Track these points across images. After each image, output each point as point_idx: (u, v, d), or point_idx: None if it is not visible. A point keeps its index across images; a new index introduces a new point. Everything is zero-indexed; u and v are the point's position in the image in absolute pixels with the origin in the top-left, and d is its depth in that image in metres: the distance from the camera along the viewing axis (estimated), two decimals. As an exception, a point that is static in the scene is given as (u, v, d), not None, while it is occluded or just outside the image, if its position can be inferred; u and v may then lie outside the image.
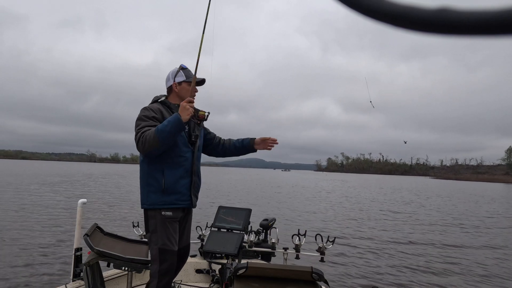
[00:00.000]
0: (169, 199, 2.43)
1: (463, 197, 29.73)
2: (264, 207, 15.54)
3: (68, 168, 68.02)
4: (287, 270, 2.26)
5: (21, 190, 19.60)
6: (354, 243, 8.88)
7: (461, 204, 22.70)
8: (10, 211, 11.74)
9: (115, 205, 14.53)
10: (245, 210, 3.57)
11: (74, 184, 25.97)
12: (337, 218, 13.64)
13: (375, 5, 0.29)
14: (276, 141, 2.78)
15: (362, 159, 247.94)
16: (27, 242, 7.55)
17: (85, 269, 2.65)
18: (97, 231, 2.95)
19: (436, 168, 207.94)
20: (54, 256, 6.57)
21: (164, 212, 2.42)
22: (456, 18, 0.27)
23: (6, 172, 40.58)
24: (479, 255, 8.27)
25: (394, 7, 0.29)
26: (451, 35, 0.28)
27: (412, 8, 0.28)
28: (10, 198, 15.32)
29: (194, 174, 2.54)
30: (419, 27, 0.28)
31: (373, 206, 18.88)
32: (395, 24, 0.29)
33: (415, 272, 6.57)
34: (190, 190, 2.52)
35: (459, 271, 6.82)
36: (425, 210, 17.72)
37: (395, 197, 26.19)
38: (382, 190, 34.69)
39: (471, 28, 0.27)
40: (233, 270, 2.25)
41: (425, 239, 9.91)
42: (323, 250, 3.25)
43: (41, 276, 5.47)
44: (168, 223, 2.43)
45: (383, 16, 0.29)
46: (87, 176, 39.58)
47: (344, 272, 6.34)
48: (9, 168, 56.05)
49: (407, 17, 0.28)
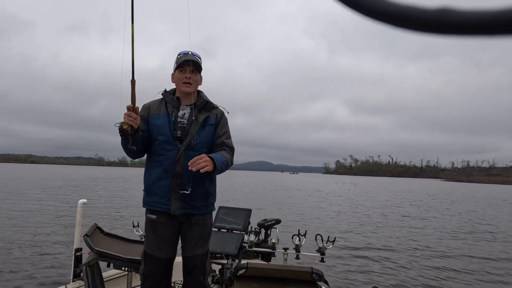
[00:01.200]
0: (150, 200, 2.27)
1: (484, 201, 28.22)
2: (270, 209, 15.53)
3: (74, 172, 68.04)
4: (287, 270, 2.26)
5: (23, 192, 19.60)
6: (354, 243, 8.87)
7: (487, 208, 21.65)
8: (11, 212, 11.74)
9: (115, 205, 14.52)
10: (245, 210, 3.57)
11: (77, 186, 25.97)
12: (339, 219, 13.64)
13: (375, 5, 0.29)
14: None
15: (371, 162, 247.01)
16: (27, 243, 7.55)
17: (85, 270, 2.65)
18: (97, 232, 2.95)
19: (447, 170, 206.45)
20: (54, 257, 6.57)
21: (149, 214, 2.28)
22: (456, 18, 0.27)
23: (11, 177, 40.57)
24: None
25: (394, 7, 0.28)
26: (451, 35, 0.28)
27: (412, 8, 0.28)
28: (13, 200, 15.32)
29: (176, 175, 2.20)
30: (419, 27, 0.28)
31: (384, 209, 18.88)
32: (395, 24, 0.29)
33: (416, 272, 6.57)
34: (170, 193, 2.22)
35: (460, 272, 6.82)
36: (451, 216, 16.36)
37: (415, 200, 25.87)
38: (398, 194, 33.35)
39: (471, 28, 0.27)
40: (233, 270, 2.25)
41: (435, 244, 9.91)
42: (323, 251, 3.24)
43: (41, 277, 5.47)
44: (152, 226, 2.26)
45: (383, 16, 0.29)
46: (92, 179, 39.50)
47: (345, 273, 6.33)
48: (16, 173, 56.14)
49: (407, 17, 0.28)
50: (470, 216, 16.44)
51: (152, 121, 2.30)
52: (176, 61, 2.33)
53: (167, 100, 2.35)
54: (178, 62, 2.30)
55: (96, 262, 2.64)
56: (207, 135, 2.31)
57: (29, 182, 27.30)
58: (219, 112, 2.41)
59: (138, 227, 3.62)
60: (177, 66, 2.30)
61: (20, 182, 27.32)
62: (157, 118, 2.30)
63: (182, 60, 2.28)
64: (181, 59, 2.29)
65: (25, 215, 11.17)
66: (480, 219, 15.56)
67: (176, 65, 2.31)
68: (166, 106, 2.33)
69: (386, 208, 18.81)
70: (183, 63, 2.28)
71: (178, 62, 2.30)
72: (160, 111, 2.33)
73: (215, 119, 2.35)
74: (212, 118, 2.34)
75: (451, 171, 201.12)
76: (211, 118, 2.34)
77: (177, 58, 2.33)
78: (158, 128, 2.28)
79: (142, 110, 2.31)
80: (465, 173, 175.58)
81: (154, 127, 2.29)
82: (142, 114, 2.28)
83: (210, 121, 2.33)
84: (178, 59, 2.32)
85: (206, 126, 2.31)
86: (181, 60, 2.28)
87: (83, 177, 42.86)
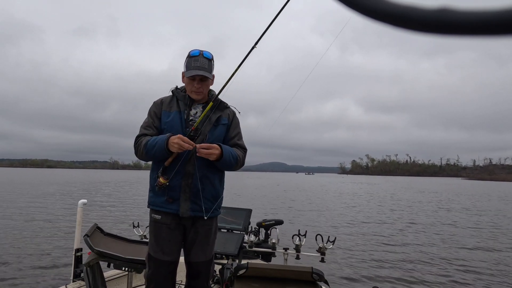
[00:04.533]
0: (157, 201, 2.19)
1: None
2: (283, 211, 15.54)
3: (89, 175, 67.35)
4: (287, 270, 2.26)
5: (26, 194, 19.62)
6: (354, 243, 8.87)
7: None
8: (13, 214, 11.74)
9: (116, 206, 14.53)
10: (245, 210, 3.56)
11: (85, 189, 25.98)
12: (340, 219, 13.64)
13: (375, 5, 0.29)
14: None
15: (388, 161, 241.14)
16: (27, 243, 7.55)
17: (86, 270, 2.65)
18: (97, 232, 2.95)
19: (468, 169, 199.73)
20: (54, 257, 6.58)
21: (154, 214, 2.21)
22: (456, 18, 0.27)
23: (20, 181, 40.46)
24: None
25: (394, 7, 0.28)
26: (451, 35, 0.28)
27: (412, 8, 0.28)
28: (17, 203, 15.33)
29: (187, 175, 2.15)
30: (419, 27, 0.28)
31: (393, 208, 18.86)
32: (395, 24, 0.29)
33: (417, 272, 6.57)
34: (180, 194, 2.17)
35: (462, 272, 6.81)
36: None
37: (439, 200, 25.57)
38: (430, 195, 31.21)
39: (471, 28, 0.27)
40: (233, 270, 2.25)
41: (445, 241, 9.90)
42: (324, 251, 3.25)
43: (41, 277, 5.47)
44: (157, 228, 2.20)
45: (383, 16, 0.29)
46: (104, 183, 39.27)
47: (345, 273, 6.33)
48: (25, 177, 55.89)
49: (407, 17, 0.28)
50: (490, 216, 16.08)
51: (162, 118, 2.24)
52: (186, 63, 2.20)
53: (179, 97, 2.27)
54: (188, 67, 2.18)
55: (97, 262, 2.64)
56: (219, 135, 2.26)
57: (34, 187, 27.36)
58: (231, 112, 2.35)
59: (138, 227, 3.62)
60: (187, 74, 2.18)
61: (24, 185, 27.36)
62: (168, 115, 2.23)
63: (191, 69, 2.16)
64: (190, 64, 2.17)
65: (26, 215, 11.18)
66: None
67: (185, 72, 2.20)
68: (178, 103, 2.25)
69: (394, 207, 18.83)
70: (192, 74, 2.17)
71: (188, 66, 2.18)
72: (171, 108, 2.25)
73: (227, 119, 2.31)
74: (224, 118, 2.29)
75: (472, 169, 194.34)
76: (223, 117, 2.28)
77: (187, 60, 2.21)
78: (169, 125, 2.21)
79: (155, 107, 2.27)
80: (487, 171, 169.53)
81: (164, 124, 2.22)
82: (156, 111, 2.26)
83: (223, 120, 2.28)
84: (188, 62, 2.20)
85: (219, 125, 2.26)
86: (190, 68, 2.17)
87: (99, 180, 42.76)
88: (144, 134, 2.20)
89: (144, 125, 2.25)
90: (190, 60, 2.18)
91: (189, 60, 2.18)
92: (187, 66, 2.19)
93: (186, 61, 2.20)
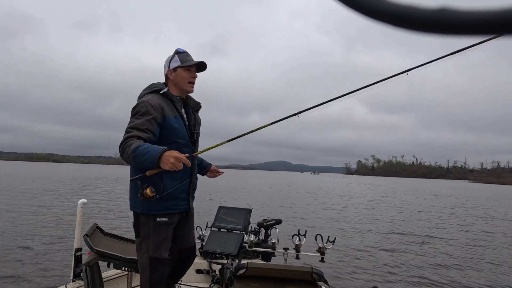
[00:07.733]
0: (166, 205, 2.19)
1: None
2: (283, 210, 15.53)
3: (97, 170, 67.36)
4: (287, 270, 2.26)
5: (24, 192, 19.62)
6: (354, 243, 8.87)
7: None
8: (12, 212, 11.74)
9: (116, 206, 14.53)
10: (245, 210, 3.57)
11: (81, 186, 25.98)
12: (339, 218, 13.64)
13: (375, 5, 0.29)
14: (222, 173, 2.85)
15: (394, 162, 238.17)
16: (27, 243, 7.55)
17: (85, 270, 2.65)
18: (97, 231, 2.95)
19: (475, 172, 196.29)
20: (54, 257, 6.57)
21: (160, 218, 2.19)
22: (456, 18, 0.27)
23: (23, 175, 40.40)
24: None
25: (394, 7, 0.28)
26: (451, 35, 0.28)
27: (412, 8, 0.28)
28: (15, 201, 15.33)
29: (193, 175, 2.33)
30: (419, 27, 0.28)
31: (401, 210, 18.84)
32: (395, 24, 0.29)
33: (417, 273, 6.57)
34: (189, 193, 2.32)
35: (463, 270, 6.81)
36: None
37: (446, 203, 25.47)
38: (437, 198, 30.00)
39: (471, 28, 0.27)
40: (233, 270, 2.25)
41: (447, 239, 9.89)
42: (323, 251, 3.25)
43: (41, 277, 5.47)
44: (162, 230, 2.21)
45: (383, 16, 0.29)
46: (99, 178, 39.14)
47: (345, 272, 6.33)
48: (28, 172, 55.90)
49: (407, 17, 0.28)
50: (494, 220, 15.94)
51: (170, 124, 2.18)
52: (180, 58, 2.26)
53: (175, 100, 2.24)
54: (184, 61, 2.25)
55: (96, 262, 2.64)
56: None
57: (35, 180, 27.35)
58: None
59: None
60: (185, 65, 2.25)
61: (23, 180, 27.35)
62: (174, 121, 2.21)
63: (193, 62, 2.27)
64: (185, 58, 2.27)
65: (26, 215, 11.17)
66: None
67: (182, 64, 2.25)
68: (175, 106, 2.25)
69: (398, 209, 18.83)
70: (198, 68, 2.33)
71: (184, 60, 2.25)
72: (173, 113, 2.23)
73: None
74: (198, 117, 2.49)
75: (480, 172, 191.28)
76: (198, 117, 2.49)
77: (179, 55, 2.26)
78: (177, 131, 2.21)
79: (154, 110, 2.13)
80: (495, 174, 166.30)
81: (172, 130, 2.19)
82: (157, 116, 2.13)
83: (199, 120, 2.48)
84: (182, 56, 2.26)
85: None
86: (189, 59, 2.27)
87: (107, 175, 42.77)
88: (138, 136, 2.05)
89: (138, 126, 2.08)
90: (182, 55, 2.29)
91: (181, 55, 2.28)
92: (181, 60, 2.27)
93: (178, 57, 2.28)
